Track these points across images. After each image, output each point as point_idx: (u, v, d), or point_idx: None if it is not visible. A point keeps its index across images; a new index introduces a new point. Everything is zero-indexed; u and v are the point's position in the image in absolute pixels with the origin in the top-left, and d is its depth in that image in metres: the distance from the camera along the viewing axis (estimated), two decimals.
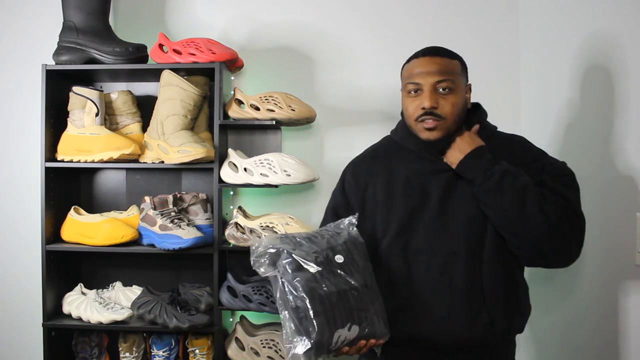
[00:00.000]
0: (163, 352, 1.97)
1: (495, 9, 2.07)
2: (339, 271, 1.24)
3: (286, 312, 1.20)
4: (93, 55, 1.91)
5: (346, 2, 2.11)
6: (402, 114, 1.46)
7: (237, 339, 1.91)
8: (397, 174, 1.40)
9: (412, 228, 1.34)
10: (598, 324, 1.50)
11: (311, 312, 1.17)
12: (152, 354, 2.00)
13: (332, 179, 2.08)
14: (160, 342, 1.98)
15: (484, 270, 1.30)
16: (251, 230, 1.87)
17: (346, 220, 1.35)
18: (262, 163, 1.87)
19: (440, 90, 1.32)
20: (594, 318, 1.52)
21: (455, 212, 1.32)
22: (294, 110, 1.89)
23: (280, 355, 1.84)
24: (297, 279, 1.20)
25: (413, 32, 2.09)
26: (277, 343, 1.85)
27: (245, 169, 1.88)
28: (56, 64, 1.92)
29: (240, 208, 1.97)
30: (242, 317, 1.99)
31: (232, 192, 2.12)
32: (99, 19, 1.92)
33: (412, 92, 1.35)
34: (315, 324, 1.16)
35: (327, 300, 1.19)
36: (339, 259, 1.26)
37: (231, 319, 2.12)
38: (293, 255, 1.23)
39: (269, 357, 1.85)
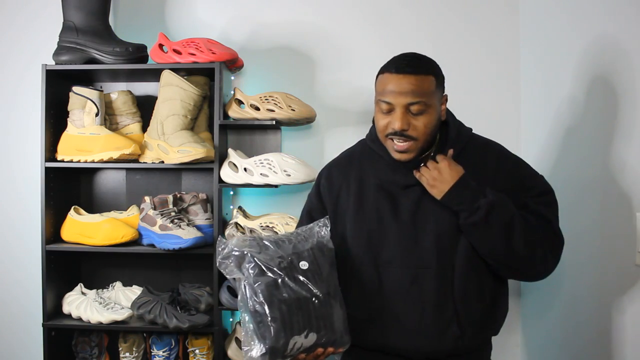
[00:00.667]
0: (163, 352, 1.97)
1: (496, 8, 2.07)
2: (301, 278, 1.24)
3: (246, 314, 1.21)
4: (93, 55, 1.91)
5: (346, 2, 2.11)
6: (373, 119, 1.42)
7: (237, 339, 1.91)
8: (369, 183, 1.38)
9: (382, 239, 1.33)
10: (598, 324, 1.50)
11: (268, 318, 1.18)
12: (152, 354, 2.00)
13: None
14: (160, 342, 1.98)
15: (455, 283, 1.28)
16: (251, 230, 1.87)
17: (320, 223, 1.35)
18: (262, 163, 1.87)
19: (412, 110, 1.26)
20: (594, 318, 1.52)
21: (427, 224, 1.30)
22: (294, 110, 1.89)
23: None
24: (258, 283, 1.21)
25: (413, 32, 2.09)
26: None
27: (245, 169, 1.88)
28: (56, 64, 1.92)
29: (240, 208, 1.97)
30: None
31: (232, 192, 2.12)
32: (99, 19, 1.92)
33: (384, 109, 1.29)
34: (271, 329, 1.18)
35: (286, 306, 1.20)
36: (304, 265, 1.26)
37: (231, 319, 2.13)
38: (256, 259, 1.23)
39: None
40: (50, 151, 1.95)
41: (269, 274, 1.22)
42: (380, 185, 1.36)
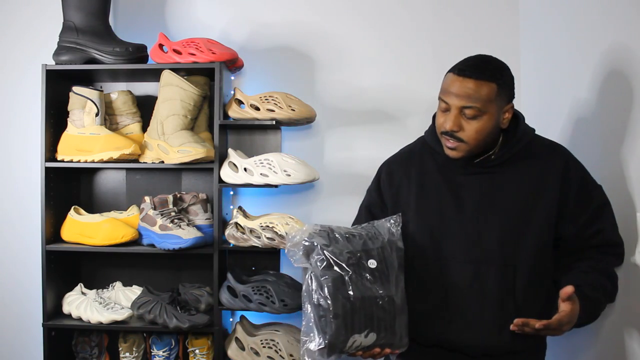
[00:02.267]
0: (163, 352, 1.97)
1: (496, 9, 2.07)
2: (368, 276, 1.23)
3: (309, 305, 1.21)
4: (93, 55, 1.91)
5: (346, 2, 2.11)
6: (433, 117, 1.43)
7: (237, 339, 1.91)
8: (430, 178, 1.39)
9: (445, 233, 1.33)
10: (598, 324, 1.50)
11: (331, 314, 1.17)
12: (152, 354, 2.00)
13: (332, 179, 2.10)
14: (160, 342, 1.98)
15: (517, 279, 1.28)
16: (251, 230, 1.87)
17: (392, 219, 1.33)
18: (262, 163, 1.87)
19: (466, 113, 1.27)
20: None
21: (490, 219, 1.31)
22: (294, 110, 1.89)
23: (280, 355, 1.84)
24: (325, 277, 1.19)
25: (413, 32, 2.09)
26: (277, 343, 1.85)
27: (245, 169, 1.88)
28: (56, 64, 1.92)
29: (240, 208, 1.97)
30: (242, 317, 1.99)
31: (232, 192, 2.12)
32: (99, 19, 1.92)
33: (442, 108, 1.31)
34: (333, 325, 1.17)
35: (350, 304, 1.19)
36: (372, 263, 1.25)
37: (231, 319, 2.12)
38: (325, 252, 1.22)
39: (269, 357, 1.85)
40: (50, 151, 1.95)
41: (337, 269, 1.21)
42: (442, 180, 1.37)
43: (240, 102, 1.95)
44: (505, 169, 1.34)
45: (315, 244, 1.24)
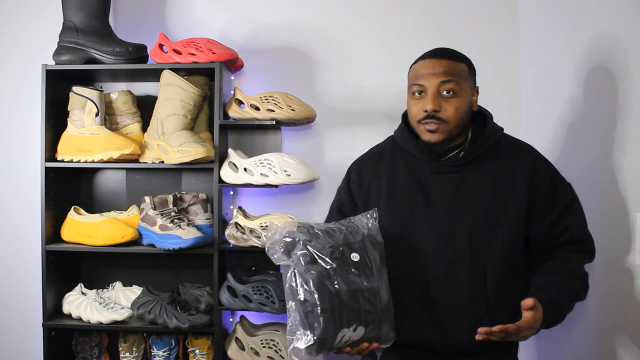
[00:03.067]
0: (163, 352, 1.97)
1: (495, 9, 2.07)
2: (352, 270, 1.22)
3: (293, 303, 1.18)
4: (93, 55, 1.91)
5: (346, 2, 2.11)
6: (402, 115, 1.46)
7: (237, 339, 1.91)
8: (400, 177, 1.40)
9: (416, 233, 1.34)
10: (598, 324, 1.50)
11: (319, 308, 1.15)
12: (152, 354, 2.00)
13: (332, 179, 2.09)
14: (160, 342, 1.98)
15: (488, 279, 1.29)
16: (251, 230, 1.87)
17: (367, 214, 1.32)
18: (262, 163, 1.87)
19: (444, 93, 1.30)
20: (593, 318, 1.52)
21: (460, 219, 1.32)
22: (294, 110, 1.89)
23: (280, 355, 1.84)
24: (310, 272, 1.18)
25: (413, 32, 2.09)
26: (277, 343, 1.85)
27: (245, 169, 1.88)
28: (56, 64, 1.92)
29: (240, 208, 1.97)
30: (242, 317, 1.99)
31: (232, 192, 2.12)
32: (99, 19, 1.92)
33: (417, 94, 1.33)
34: (321, 320, 1.15)
35: (337, 298, 1.17)
36: (355, 257, 1.24)
37: (231, 319, 2.12)
38: (308, 247, 1.21)
39: (269, 357, 1.85)
40: (50, 151, 1.95)
41: (321, 263, 1.19)
42: (412, 180, 1.37)
43: (240, 102, 1.95)
44: (473, 168, 1.35)
45: (297, 239, 1.22)
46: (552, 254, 1.34)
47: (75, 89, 1.92)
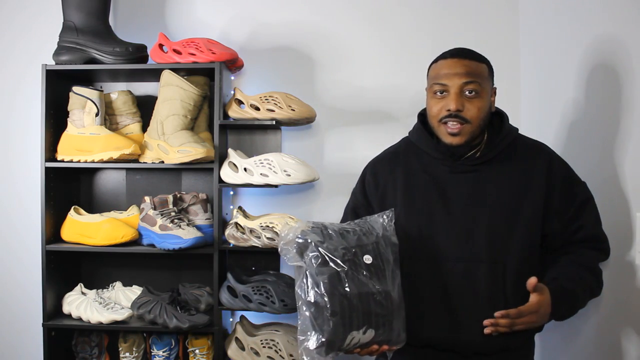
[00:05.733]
0: (163, 352, 1.97)
1: (496, 9, 2.07)
2: (364, 272, 1.21)
3: (304, 304, 1.19)
4: (93, 55, 1.91)
5: (346, 2, 2.11)
6: (418, 115, 1.45)
7: (237, 339, 1.91)
8: (416, 177, 1.39)
9: (433, 232, 1.33)
10: (598, 324, 1.50)
11: (329, 311, 1.16)
12: (152, 354, 2.00)
13: (332, 179, 2.10)
14: (160, 342, 1.98)
15: (507, 277, 1.29)
16: (251, 230, 1.87)
17: (384, 215, 1.31)
18: (262, 163, 1.87)
19: (467, 93, 1.30)
20: (594, 318, 1.52)
21: (478, 218, 1.32)
22: (294, 110, 1.89)
23: (280, 356, 1.84)
24: (321, 274, 1.18)
25: (413, 32, 2.09)
26: (277, 343, 1.85)
27: (245, 169, 1.88)
28: (56, 64, 1.92)
29: (240, 208, 1.97)
30: (242, 317, 1.99)
31: (232, 192, 2.12)
32: (99, 19, 1.92)
33: (438, 93, 1.33)
34: (330, 323, 1.15)
35: (347, 301, 1.17)
36: (368, 259, 1.23)
37: (231, 319, 2.12)
38: (320, 249, 1.20)
39: (269, 357, 1.85)
40: (50, 151, 1.95)
41: (332, 266, 1.19)
42: (429, 180, 1.37)
43: (240, 102, 1.95)
44: (490, 168, 1.35)
45: (309, 240, 1.22)
46: (566, 250, 1.35)
47: (75, 89, 1.92)
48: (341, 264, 1.20)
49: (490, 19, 2.07)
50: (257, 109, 1.92)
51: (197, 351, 1.96)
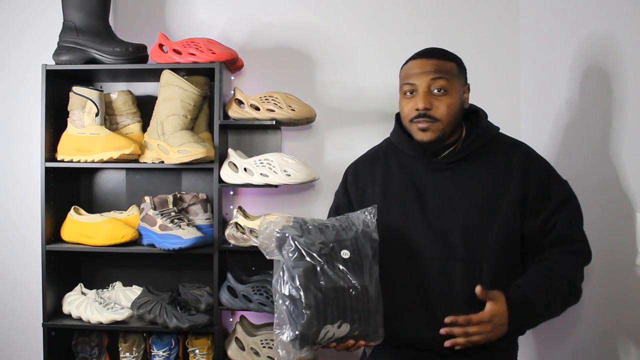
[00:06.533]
0: (163, 352, 1.97)
1: (495, 10, 2.07)
2: (341, 267, 1.22)
3: (280, 297, 1.20)
4: (93, 55, 1.91)
5: (346, 2, 2.11)
6: (396, 115, 1.46)
7: (237, 339, 1.91)
8: (394, 176, 1.40)
9: (410, 231, 1.34)
10: (598, 324, 1.50)
11: (303, 304, 1.16)
12: (152, 354, 2.00)
13: (332, 179, 2.09)
14: (160, 342, 1.98)
15: (484, 274, 1.29)
16: (251, 230, 1.87)
17: (366, 211, 1.31)
18: (262, 163, 1.87)
19: (435, 91, 1.31)
20: (594, 318, 1.52)
21: (454, 216, 1.31)
22: (294, 110, 1.89)
23: None
24: (296, 268, 1.19)
25: (413, 32, 2.09)
26: None
27: (245, 169, 1.88)
28: (56, 64, 1.92)
29: (240, 208, 1.97)
30: (242, 317, 1.99)
31: (232, 192, 2.12)
32: (99, 19, 1.92)
33: (408, 93, 1.34)
34: (304, 316, 1.16)
35: (322, 294, 1.18)
36: (345, 254, 1.23)
37: (231, 319, 2.12)
38: (296, 243, 1.21)
39: (269, 357, 1.85)
40: (50, 151, 1.95)
41: (308, 260, 1.20)
42: (406, 179, 1.38)
43: (240, 102, 1.95)
44: (467, 166, 1.35)
45: (287, 235, 1.23)
46: (543, 256, 1.33)
47: (75, 89, 1.92)
48: (317, 258, 1.20)
49: (490, 21, 2.07)
50: (257, 109, 1.92)
51: (197, 351, 1.96)
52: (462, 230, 1.30)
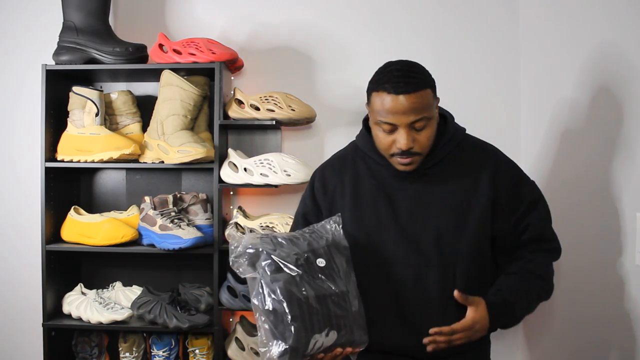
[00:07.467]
0: (163, 352, 1.97)
1: (496, 12, 2.07)
2: (319, 275, 1.21)
3: (263, 315, 1.17)
4: (93, 55, 1.91)
5: (346, 2, 2.11)
6: (363, 121, 1.42)
7: (237, 339, 1.91)
8: (363, 183, 1.38)
9: (383, 238, 1.32)
10: (598, 324, 1.50)
11: (288, 317, 1.14)
12: (152, 354, 2.00)
13: None
14: (160, 342, 1.98)
15: (457, 280, 1.28)
16: (251, 231, 1.87)
17: (331, 220, 1.31)
18: (262, 163, 1.87)
19: (416, 127, 1.25)
20: (594, 318, 1.52)
21: (426, 222, 1.30)
22: (294, 110, 1.89)
23: None
24: (276, 281, 1.17)
25: (412, 32, 2.09)
26: None
27: (245, 169, 1.88)
28: (56, 64, 1.92)
29: (240, 208, 1.97)
30: (242, 317, 1.99)
31: (232, 192, 2.12)
32: (99, 19, 1.92)
33: (386, 129, 1.27)
34: (292, 328, 1.14)
35: (306, 304, 1.16)
36: (321, 262, 1.22)
37: (231, 319, 2.13)
38: (272, 256, 1.20)
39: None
40: (50, 151, 1.95)
41: (287, 271, 1.18)
42: (376, 185, 1.36)
43: (240, 102, 1.95)
44: (437, 171, 1.34)
45: (261, 249, 1.21)
46: (516, 255, 1.34)
47: (75, 89, 1.92)
48: (295, 268, 1.19)
49: (490, 22, 2.07)
50: (257, 109, 1.92)
51: (197, 351, 1.96)
52: (434, 236, 1.29)
